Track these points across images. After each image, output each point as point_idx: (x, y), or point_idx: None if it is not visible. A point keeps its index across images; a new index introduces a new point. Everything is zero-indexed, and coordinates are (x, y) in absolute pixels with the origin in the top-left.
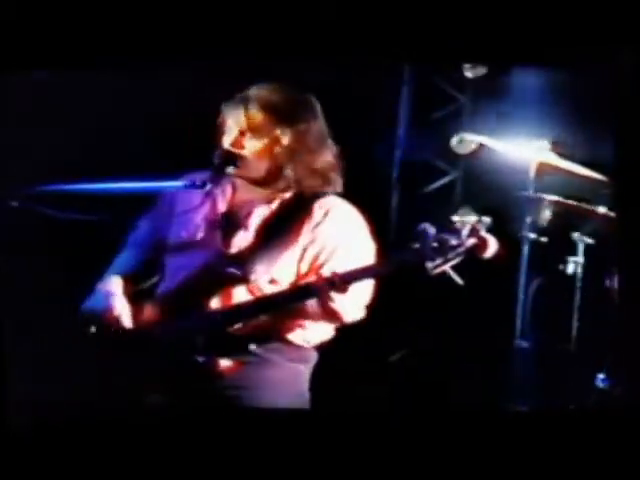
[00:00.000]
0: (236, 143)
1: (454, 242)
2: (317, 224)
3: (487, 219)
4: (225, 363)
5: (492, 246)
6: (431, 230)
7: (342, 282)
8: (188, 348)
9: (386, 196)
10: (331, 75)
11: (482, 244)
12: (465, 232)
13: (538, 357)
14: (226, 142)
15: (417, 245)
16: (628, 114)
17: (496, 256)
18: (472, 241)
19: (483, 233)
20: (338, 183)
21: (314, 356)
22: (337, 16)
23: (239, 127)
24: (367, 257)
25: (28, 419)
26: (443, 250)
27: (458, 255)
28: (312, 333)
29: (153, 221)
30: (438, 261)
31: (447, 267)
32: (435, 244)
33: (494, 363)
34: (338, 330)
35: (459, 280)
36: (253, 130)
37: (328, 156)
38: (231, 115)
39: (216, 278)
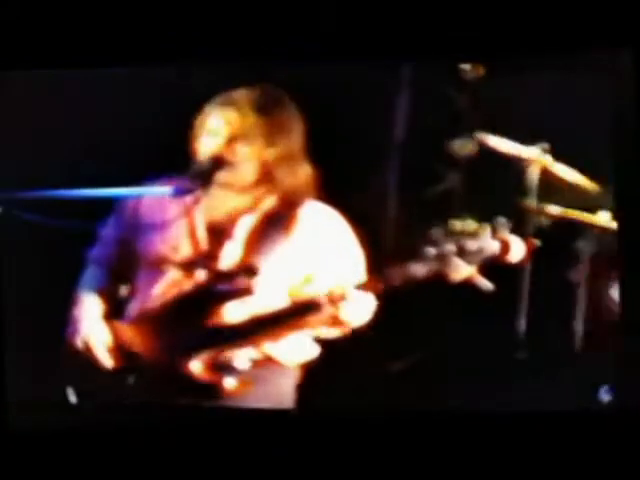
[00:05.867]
0: (226, 148)
1: (474, 246)
2: (306, 231)
3: (505, 221)
4: (231, 383)
5: (518, 249)
6: (444, 233)
7: (350, 295)
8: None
9: (383, 201)
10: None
11: (507, 247)
12: (486, 234)
13: (539, 366)
14: (214, 146)
15: (434, 251)
16: (627, 117)
17: (522, 259)
18: (497, 245)
19: (506, 235)
20: (314, 191)
21: (297, 373)
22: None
23: (230, 131)
24: (358, 263)
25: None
26: (464, 254)
27: (481, 259)
28: (299, 352)
29: (117, 230)
30: (461, 266)
31: (472, 272)
32: (453, 248)
33: (494, 370)
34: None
35: (488, 285)
36: (246, 135)
37: (307, 167)
38: (220, 118)
39: (207, 294)
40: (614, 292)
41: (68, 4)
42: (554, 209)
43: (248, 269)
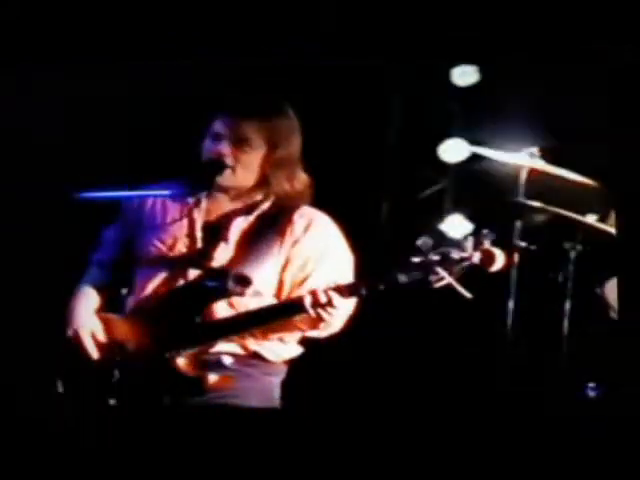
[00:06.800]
0: (228, 153)
1: (457, 255)
2: (299, 236)
3: (489, 232)
4: (214, 378)
5: (499, 259)
6: (430, 243)
7: (335, 298)
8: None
9: (376, 205)
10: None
11: (489, 258)
12: (469, 245)
13: (529, 365)
14: (216, 152)
15: (418, 259)
16: (626, 117)
17: (503, 268)
18: (478, 255)
19: (489, 246)
20: (309, 198)
21: (284, 369)
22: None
23: (233, 137)
24: (348, 268)
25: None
26: (446, 263)
27: (463, 269)
28: (283, 349)
29: (120, 233)
30: (442, 274)
31: (452, 280)
32: (437, 257)
33: (484, 371)
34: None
35: (466, 294)
36: (247, 141)
37: (304, 174)
38: (224, 125)
39: (197, 292)
40: (600, 291)
41: (71, 3)
42: (542, 210)
43: (242, 279)
